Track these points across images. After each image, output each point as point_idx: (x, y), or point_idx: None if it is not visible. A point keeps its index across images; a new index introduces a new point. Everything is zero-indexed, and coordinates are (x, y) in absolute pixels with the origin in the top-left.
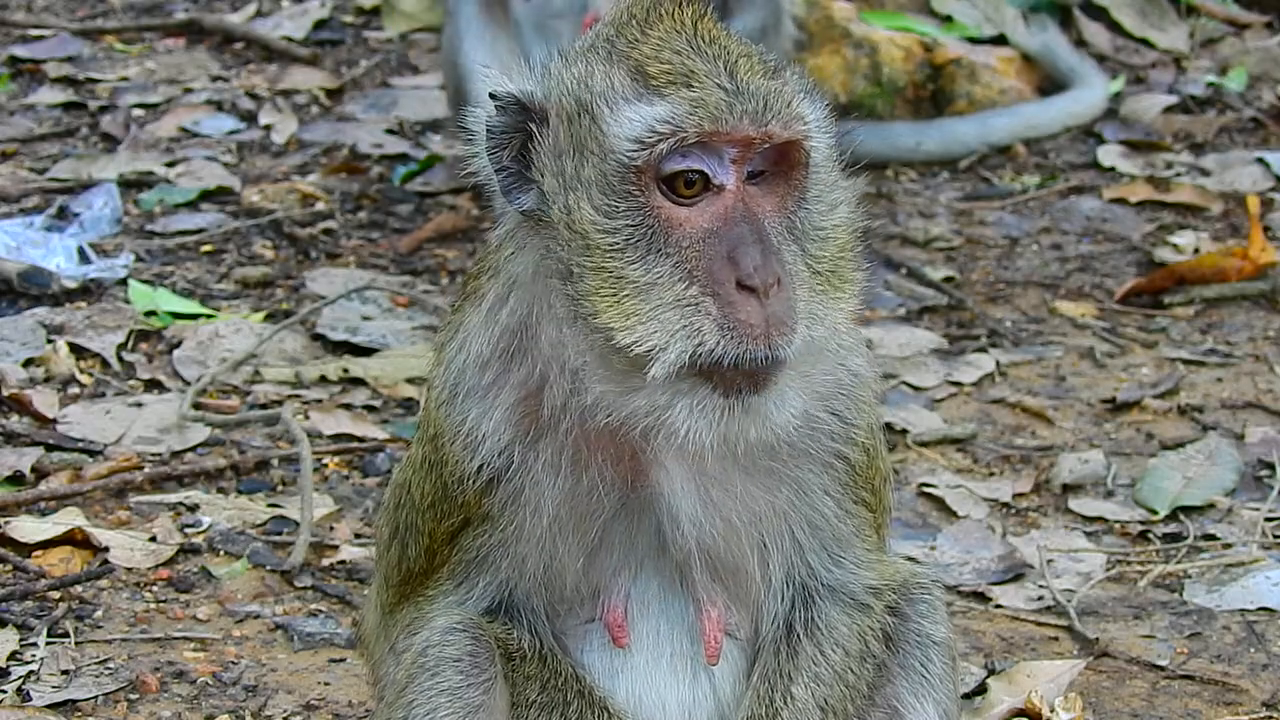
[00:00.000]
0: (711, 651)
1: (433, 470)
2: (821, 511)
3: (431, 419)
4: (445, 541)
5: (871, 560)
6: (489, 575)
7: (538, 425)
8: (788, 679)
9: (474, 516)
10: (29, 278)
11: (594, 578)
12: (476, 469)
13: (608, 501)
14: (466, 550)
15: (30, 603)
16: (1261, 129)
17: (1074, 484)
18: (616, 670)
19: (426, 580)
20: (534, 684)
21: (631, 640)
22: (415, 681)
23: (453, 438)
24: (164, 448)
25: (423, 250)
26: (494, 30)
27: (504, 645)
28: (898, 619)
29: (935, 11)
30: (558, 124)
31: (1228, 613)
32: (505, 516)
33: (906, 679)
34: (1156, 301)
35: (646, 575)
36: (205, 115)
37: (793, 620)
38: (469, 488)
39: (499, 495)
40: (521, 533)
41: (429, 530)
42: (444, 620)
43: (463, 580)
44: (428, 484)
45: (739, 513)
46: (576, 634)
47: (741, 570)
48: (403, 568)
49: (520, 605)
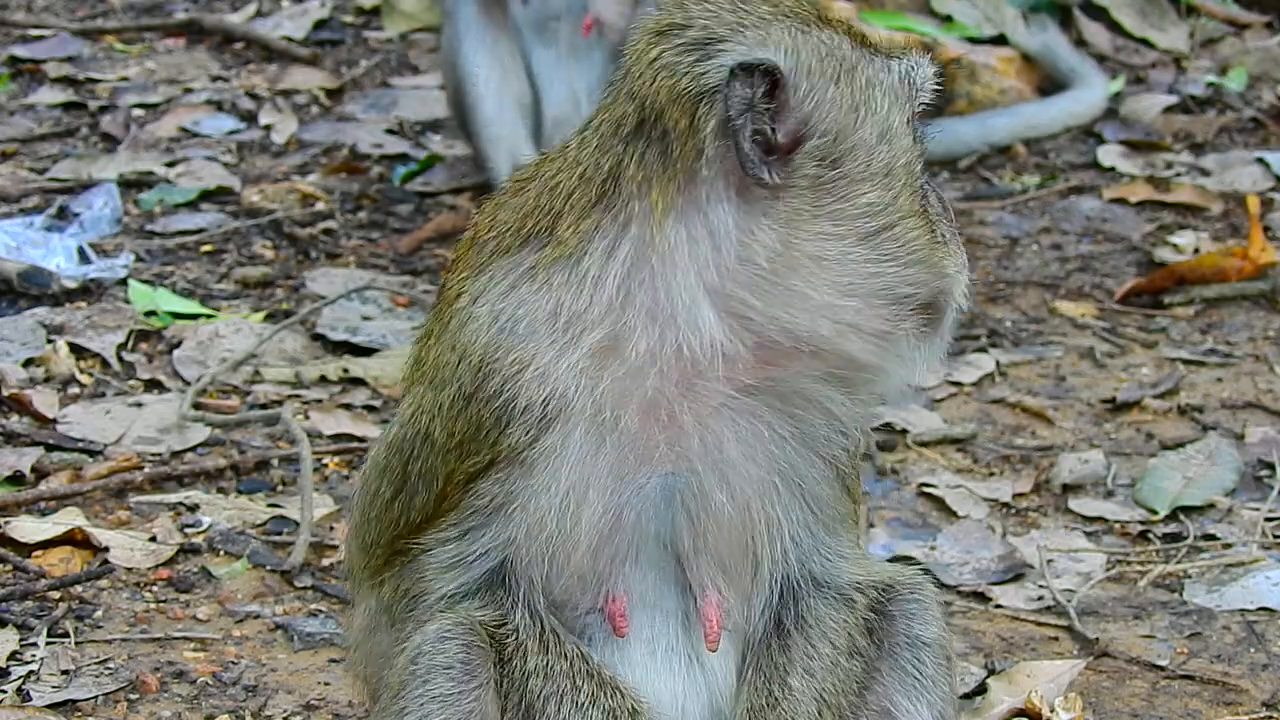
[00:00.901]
0: (713, 637)
1: (468, 405)
2: (820, 496)
3: (474, 348)
4: (461, 484)
5: (856, 555)
6: (497, 529)
7: (605, 377)
8: (783, 671)
9: (500, 457)
10: (29, 278)
11: (599, 562)
12: (540, 402)
13: (635, 476)
14: (481, 495)
15: (30, 603)
16: (1261, 129)
17: (1074, 484)
18: (615, 662)
19: (426, 528)
20: (537, 677)
21: (630, 632)
22: (407, 688)
23: (515, 367)
24: (164, 448)
25: (423, 250)
26: (494, 32)
27: (500, 642)
28: (886, 620)
29: (935, 11)
30: (819, 87)
31: (1228, 613)
32: (540, 462)
33: (899, 681)
34: (1156, 301)
35: (644, 566)
36: (205, 115)
37: (782, 614)
38: (514, 423)
39: (545, 438)
40: (550, 483)
41: (447, 473)
42: (435, 626)
43: (469, 529)
44: (458, 422)
45: (755, 491)
46: (575, 625)
47: (747, 553)
48: (402, 521)
49: (519, 579)
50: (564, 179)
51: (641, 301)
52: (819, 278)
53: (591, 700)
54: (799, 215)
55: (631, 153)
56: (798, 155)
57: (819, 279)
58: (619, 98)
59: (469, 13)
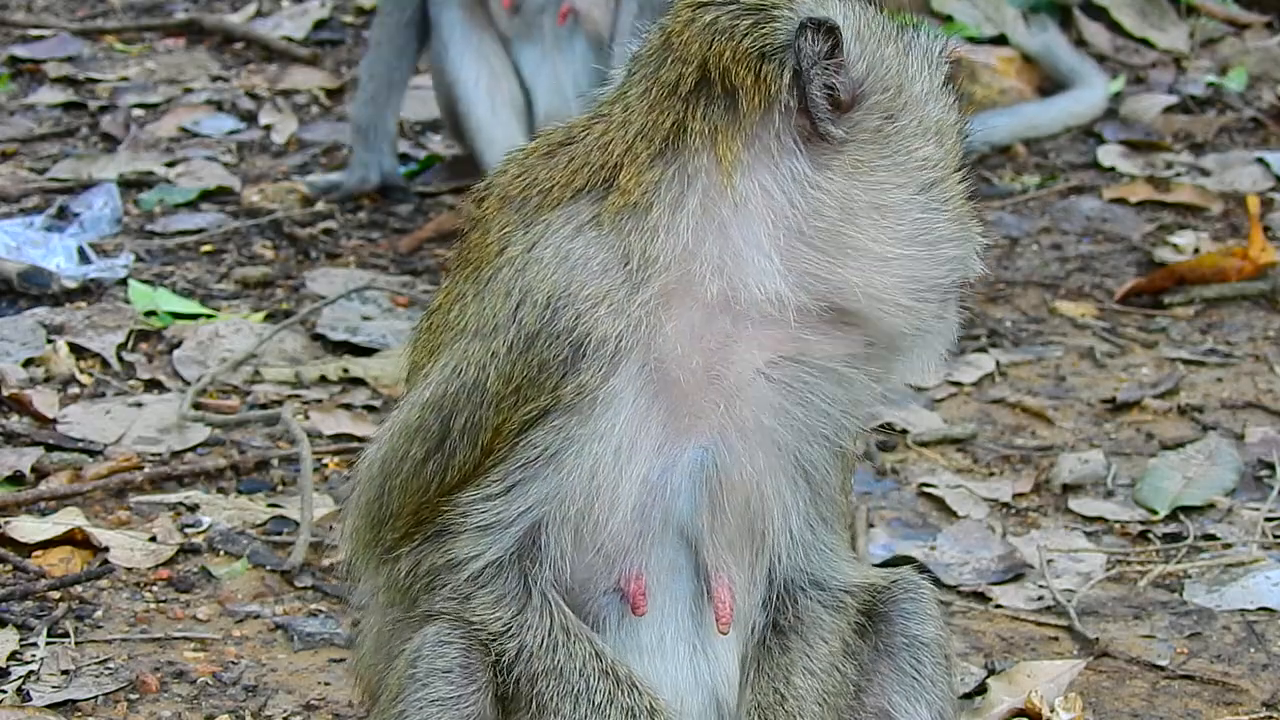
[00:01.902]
0: (725, 619)
1: (530, 346)
2: (825, 487)
3: (540, 287)
4: (512, 435)
5: (850, 555)
6: (544, 482)
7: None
8: (786, 670)
9: (559, 404)
10: (29, 278)
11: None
12: (615, 336)
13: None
14: (534, 445)
15: (30, 603)
16: (1261, 129)
17: (1074, 484)
18: (625, 649)
19: (464, 487)
20: (547, 679)
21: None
22: (406, 692)
23: (589, 302)
24: (164, 448)
25: (423, 250)
26: (479, 36)
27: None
28: (884, 621)
29: (935, 11)
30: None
31: (1228, 613)
32: (599, 407)
33: (897, 681)
34: (1156, 301)
35: (663, 546)
36: (205, 115)
37: (780, 615)
38: (586, 358)
39: (612, 379)
40: (607, 430)
41: (497, 424)
42: (435, 629)
43: (515, 484)
44: (518, 365)
45: (769, 474)
46: (588, 610)
47: (754, 537)
48: (434, 485)
49: (548, 550)
50: (615, 136)
51: (710, 251)
52: (880, 227)
53: (609, 699)
54: (861, 168)
55: (694, 110)
56: (859, 110)
57: (880, 229)
58: (664, 64)
59: (452, 18)
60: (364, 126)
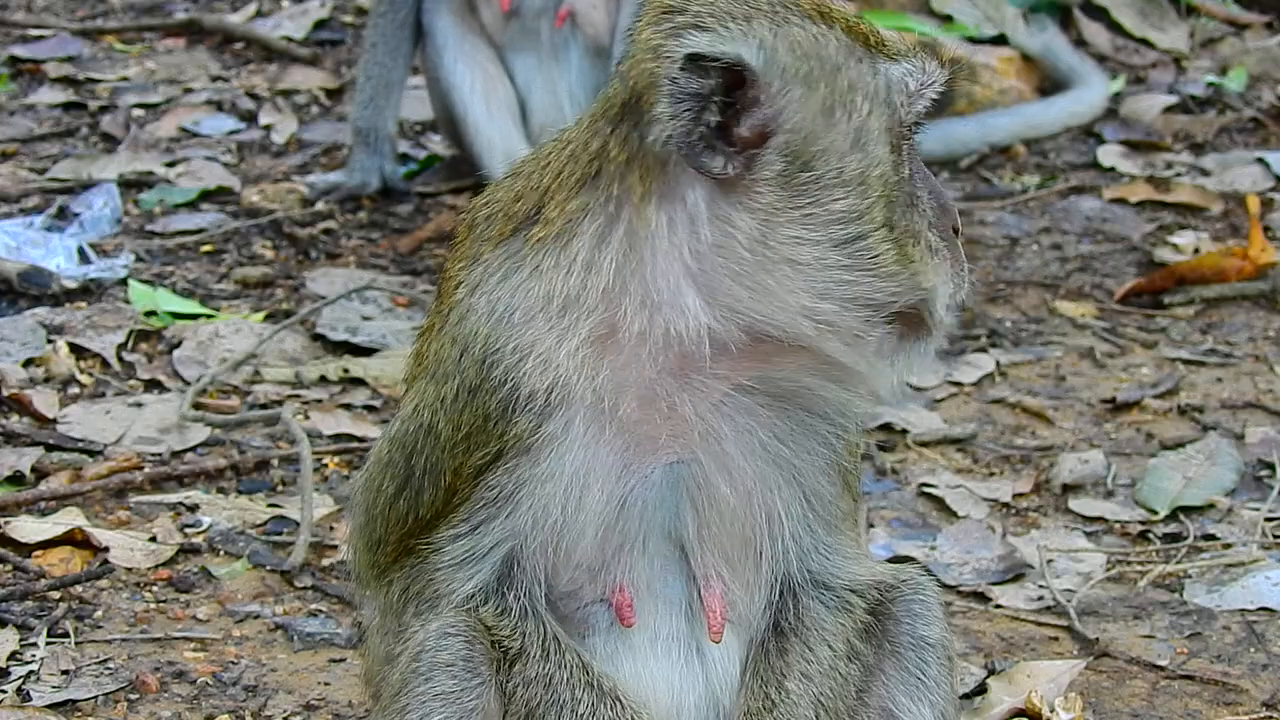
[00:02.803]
0: (716, 627)
1: (474, 397)
2: (820, 492)
3: (475, 340)
4: (471, 478)
5: (856, 554)
6: (505, 519)
7: (604, 365)
8: (780, 675)
9: (508, 447)
10: (29, 278)
11: (605, 551)
12: (545, 389)
13: (640, 465)
14: (491, 486)
15: (30, 603)
16: (1261, 129)
17: (1074, 484)
18: (619, 653)
19: (438, 526)
20: (537, 686)
21: (636, 621)
22: (409, 686)
23: (517, 356)
24: (164, 448)
25: (423, 250)
26: (472, 41)
27: (502, 648)
28: (890, 621)
29: (935, 11)
30: (791, 86)
31: (1228, 613)
32: (545, 450)
33: (901, 682)
34: (1156, 301)
35: (649, 556)
36: (205, 115)
37: (781, 616)
38: (520, 411)
39: (549, 425)
40: (556, 470)
41: (455, 467)
42: (438, 624)
43: (479, 524)
44: (464, 414)
45: (756, 484)
46: (578, 618)
47: (749, 544)
48: (409, 519)
49: (526, 573)
50: (554, 159)
51: (634, 287)
52: (794, 280)
53: (591, 711)
54: (774, 212)
55: (616, 134)
56: (764, 151)
57: (794, 281)
58: (614, 78)
59: (444, 25)
60: (363, 130)
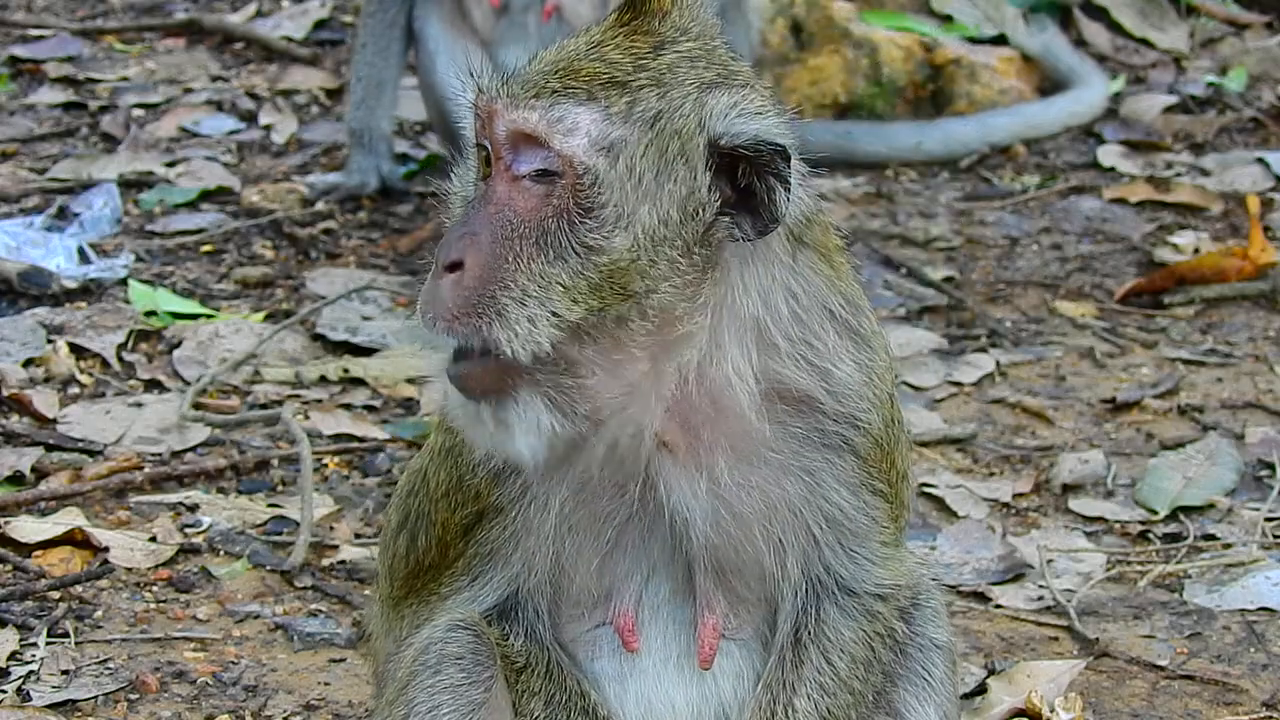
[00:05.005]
0: (705, 657)
1: (449, 457)
2: (836, 504)
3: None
4: (459, 535)
5: (887, 555)
6: (500, 570)
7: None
8: (790, 690)
9: (488, 508)
10: (29, 278)
11: (606, 580)
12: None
13: (620, 503)
14: (481, 544)
15: (30, 603)
16: (1261, 129)
17: (1074, 484)
18: (626, 675)
19: (440, 575)
20: (539, 700)
21: (642, 644)
22: (417, 678)
23: None
24: (164, 448)
25: (423, 250)
26: (464, 43)
27: (509, 657)
28: (905, 622)
29: (935, 11)
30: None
31: (1228, 613)
32: (515, 510)
33: (909, 683)
34: (1156, 301)
35: (658, 579)
36: (205, 115)
37: (800, 626)
38: (481, 476)
39: (510, 487)
40: (530, 527)
41: (441, 521)
42: (447, 618)
43: (478, 575)
44: (443, 472)
45: (753, 509)
46: (585, 640)
47: (757, 569)
48: (411, 559)
49: (527, 607)
50: None
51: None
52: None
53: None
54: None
55: None
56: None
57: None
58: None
59: (436, 31)
60: (358, 130)
